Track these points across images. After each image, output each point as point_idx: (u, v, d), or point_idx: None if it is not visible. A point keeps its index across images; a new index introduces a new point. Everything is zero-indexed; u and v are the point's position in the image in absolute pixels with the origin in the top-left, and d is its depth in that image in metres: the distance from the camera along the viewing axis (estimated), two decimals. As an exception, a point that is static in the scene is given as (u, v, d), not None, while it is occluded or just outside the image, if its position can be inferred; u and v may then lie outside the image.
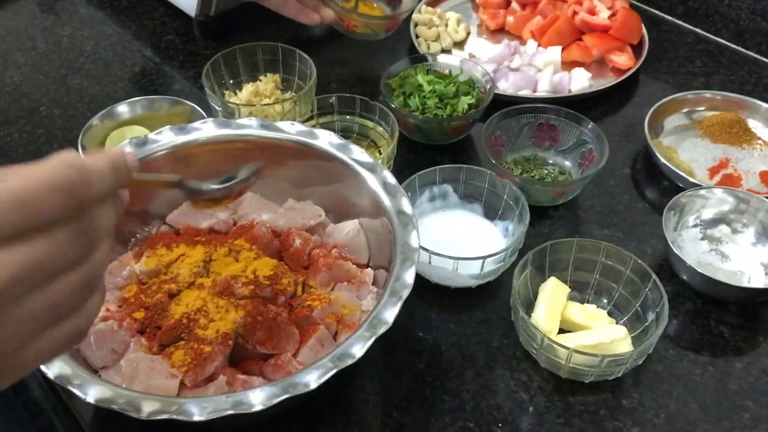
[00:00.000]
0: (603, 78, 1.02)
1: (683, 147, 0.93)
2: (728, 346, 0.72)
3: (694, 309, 0.75)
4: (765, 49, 1.07)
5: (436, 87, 0.90)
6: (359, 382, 0.69)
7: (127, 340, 0.63)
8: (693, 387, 0.68)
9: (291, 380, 0.53)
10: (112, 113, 0.90)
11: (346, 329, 0.65)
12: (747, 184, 0.88)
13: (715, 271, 0.77)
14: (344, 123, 0.90)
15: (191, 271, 0.67)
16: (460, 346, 0.71)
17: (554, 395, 0.67)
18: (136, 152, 0.71)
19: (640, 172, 0.90)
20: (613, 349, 0.66)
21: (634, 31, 1.05)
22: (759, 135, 0.94)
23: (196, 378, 0.59)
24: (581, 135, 0.86)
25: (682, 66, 1.06)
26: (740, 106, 0.95)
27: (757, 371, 0.69)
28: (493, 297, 0.76)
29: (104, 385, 0.53)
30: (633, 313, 0.70)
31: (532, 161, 0.88)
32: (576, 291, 0.73)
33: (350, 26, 1.01)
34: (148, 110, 0.91)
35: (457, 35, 1.09)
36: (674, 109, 0.95)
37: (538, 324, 0.68)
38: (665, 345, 0.71)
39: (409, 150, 0.92)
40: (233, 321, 0.63)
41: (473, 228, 0.80)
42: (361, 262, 0.72)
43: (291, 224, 0.73)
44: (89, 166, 0.38)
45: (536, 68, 1.00)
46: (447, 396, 0.67)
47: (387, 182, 0.69)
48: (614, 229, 0.83)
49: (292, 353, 0.63)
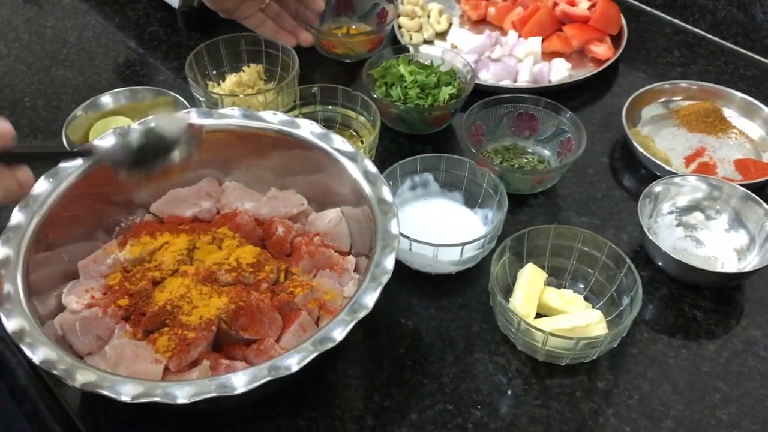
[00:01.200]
0: (583, 68, 1.04)
1: (661, 136, 0.94)
2: (701, 330, 0.74)
3: (668, 294, 0.77)
4: (741, 40, 1.08)
5: (417, 77, 0.91)
6: (341, 366, 0.70)
7: (112, 327, 0.64)
8: (666, 369, 0.70)
9: (273, 363, 0.55)
10: (95, 104, 0.90)
11: (328, 314, 0.66)
12: (722, 172, 0.90)
13: (690, 256, 0.79)
14: (327, 113, 0.91)
15: (175, 258, 0.68)
16: (440, 331, 0.73)
17: (531, 378, 0.69)
18: (118, 141, 0.72)
19: (618, 160, 0.91)
20: (588, 332, 0.68)
21: (613, 22, 1.07)
22: (734, 124, 0.95)
23: (181, 363, 0.61)
24: (560, 124, 0.88)
25: (661, 56, 1.08)
26: (716, 95, 0.97)
27: (729, 353, 0.71)
28: (472, 283, 0.77)
29: (90, 370, 0.54)
30: (608, 298, 0.72)
31: (512, 150, 0.89)
32: (553, 276, 0.75)
33: (330, 49, 1.03)
34: (132, 101, 0.92)
35: (439, 26, 1.10)
36: (651, 99, 0.96)
37: (515, 309, 0.70)
38: (640, 329, 0.73)
39: (391, 140, 0.94)
40: (216, 307, 0.64)
41: (453, 216, 0.81)
42: (342, 250, 0.73)
43: (274, 213, 0.74)
44: None
45: (517, 59, 1.01)
46: (427, 379, 0.69)
47: (368, 171, 0.71)
48: (592, 217, 0.84)
49: (275, 338, 0.64)
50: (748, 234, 0.79)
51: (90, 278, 0.68)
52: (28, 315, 0.58)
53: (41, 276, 0.64)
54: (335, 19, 1.09)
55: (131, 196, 0.75)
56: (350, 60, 1.04)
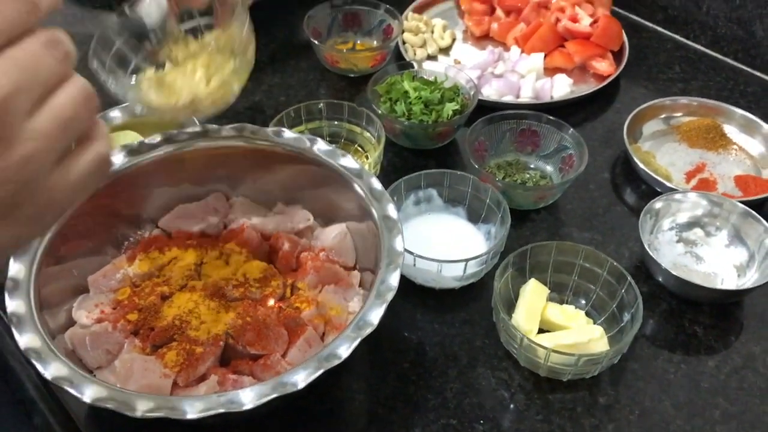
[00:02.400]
0: (585, 84, 1.05)
1: (662, 151, 0.96)
2: (701, 346, 0.75)
3: (669, 309, 0.78)
4: (741, 56, 1.10)
5: (421, 93, 0.93)
6: (346, 381, 0.71)
7: (121, 341, 0.65)
8: (667, 385, 0.71)
9: (280, 380, 0.56)
10: (105, 118, 0.92)
11: (334, 330, 0.67)
12: (722, 188, 0.91)
13: (690, 272, 0.80)
14: (332, 128, 0.92)
15: (183, 274, 0.69)
16: (444, 345, 0.74)
17: (534, 393, 0.70)
18: (129, 159, 0.73)
19: (620, 176, 0.93)
20: (590, 348, 0.69)
21: (614, 38, 1.08)
22: (734, 140, 0.97)
23: (189, 378, 0.62)
24: (562, 140, 0.89)
25: (662, 72, 1.09)
26: (716, 111, 0.98)
27: (729, 369, 0.72)
28: (476, 298, 0.78)
29: (100, 385, 0.55)
30: (610, 314, 0.73)
31: (515, 166, 0.91)
32: (555, 292, 0.76)
33: (334, 63, 1.04)
34: (141, 115, 0.93)
35: (443, 42, 1.11)
36: (652, 115, 0.98)
37: (518, 324, 0.71)
38: (641, 344, 0.74)
39: (395, 154, 0.95)
40: (224, 322, 0.65)
41: (457, 231, 0.82)
42: (348, 265, 0.74)
43: (280, 228, 0.75)
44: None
45: (519, 74, 1.03)
46: (431, 394, 0.70)
47: (373, 188, 0.72)
48: (594, 232, 0.85)
49: (281, 353, 0.65)
50: (748, 250, 0.80)
51: (99, 293, 0.69)
52: (39, 330, 0.59)
53: (52, 290, 0.65)
54: (341, 34, 1.11)
55: (139, 210, 0.77)
56: (354, 75, 1.05)
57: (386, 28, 1.09)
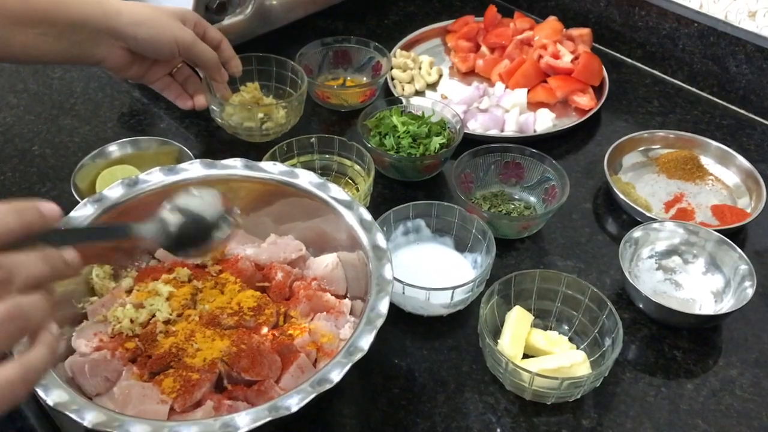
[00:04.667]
0: (567, 117, 1.09)
1: (641, 182, 0.99)
2: (680, 369, 0.77)
3: (649, 334, 0.80)
4: (717, 91, 1.14)
5: (409, 128, 0.96)
6: (337, 406, 0.73)
7: (120, 369, 0.67)
8: (648, 407, 0.73)
9: (274, 404, 0.58)
10: (103, 153, 0.95)
11: (325, 356, 0.70)
12: (700, 217, 0.94)
13: (669, 299, 0.83)
14: (324, 161, 0.95)
15: (179, 303, 0.72)
16: (432, 371, 0.76)
17: (519, 416, 0.72)
18: (126, 192, 0.76)
19: (601, 206, 0.96)
20: (572, 372, 0.71)
21: (595, 74, 1.12)
22: (711, 171, 1.00)
23: (185, 403, 0.64)
24: (544, 172, 0.92)
25: (641, 106, 1.14)
26: (693, 144, 1.02)
27: (707, 392, 0.75)
28: (463, 325, 0.81)
29: (100, 411, 0.57)
30: (592, 339, 0.76)
31: (500, 197, 0.94)
32: (539, 318, 0.78)
33: (325, 99, 1.08)
34: (137, 150, 0.96)
35: (430, 77, 1.15)
36: (632, 147, 1.01)
37: (503, 350, 0.73)
38: (623, 368, 0.77)
39: (385, 186, 0.98)
40: (219, 350, 0.67)
41: (444, 260, 0.85)
42: (339, 294, 0.77)
43: (273, 258, 0.78)
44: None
45: (504, 109, 1.06)
46: (420, 419, 0.72)
47: (363, 218, 0.75)
48: (576, 260, 0.88)
49: (275, 379, 0.67)
50: (724, 277, 0.83)
51: (98, 322, 0.71)
52: (41, 358, 0.61)
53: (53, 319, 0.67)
54: (332, 70, 1.14)
55: (136, 242, 0.79)
56: (345, 110, 1.09)
57: (375, 64, 1.13)
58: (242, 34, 1.14)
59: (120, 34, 0.88)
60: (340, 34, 1.16)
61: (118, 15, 0.87)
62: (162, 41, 0.90)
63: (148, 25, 0.89)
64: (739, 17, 1.08)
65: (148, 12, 0.90)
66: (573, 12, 1.26)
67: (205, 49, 0.94)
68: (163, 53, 0.92)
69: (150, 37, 0.89)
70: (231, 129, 1.00)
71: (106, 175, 0.92)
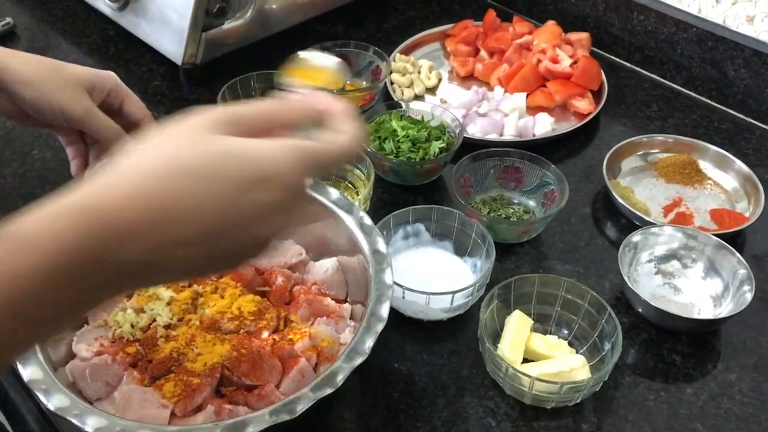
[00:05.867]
0: (565, 122, 1.09)
1: (640, 187, 0.99)
2: (679, 373, 0.77)
3: (648, 339, 0.81)
4: (715, 95, 1.14)
5: (409, 132, 0.97)
6: (338, 410, 0.73)
7: (120, 373, 0.67)
8: (647, 411, 0.74)
9: (275, 408, 0.58)
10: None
11: (326, 361, 0.70)
12: (699, 222, 0.94)
13: (668, 303, 0.83)
14: (323, 166, 0.95)
15: (180, 308, 0.72)
16: (432, 375, 0.76)
17: (519, 421, 0.72)
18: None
19: (600, 210, 0.96)
20: (572, 376, 0.71)
21: (594, 78, 1.13)
22: (709, 175, 1.01)
23: (186, 408, 0.64)
24: (544, 177, 0.92)
25: (640, 110, 1.14)
26: (692, 148, 1.02)
27: (706, 396, 0.75)
28: (463, 329, 0.81)
29: (101, 415, 0.57)
30: (591, 343, 0.76)
31: (499, 201, 0.94)
32: (539, 323, 0.79)
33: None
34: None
35: (430, 82, 1.15)
36: (631, 152, 1.02)
37: (503, 354, 0.73)
38: (622, 373, 0.77)
39: (384, 190, 0.98)
40: (220, 354, 0.67)
41: (444, 264, 0.85)
42: (339, 298, 0.77)
43: (273, 263, 0.78)
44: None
45: (503, 113, 1.07)
46: (420, 423, 0.72)
47: (363, 223, 0.75)
48: (575, 265, 0.89)
49: (275, 384, 0.67)
50: (723, 281, 0.83)
51: (99, 326, 0.71)
52: (42, 363, 0.61)
53: (53, 325, 0.67)
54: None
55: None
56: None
57: (375, 69, 1.13)
58: (243, 38, 1.14)
59: (4, 90, 0.76)
60: (339, 38, 1.17)
61: (4, 71, 0.75)
62: (44, 108, 0.76)
63: (32, 87, 0.75)
64: (738, 22, 1.09)
65: (40, 71, 0.76)
66: (572, 16, 1.27)
67: (100, 126, 0.79)
68: (47, 120, 0.78)
69: (32, 100, 0.75)
70: None
71: None
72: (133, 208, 0.41)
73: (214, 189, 0.42)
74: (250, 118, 0.47)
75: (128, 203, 0.41)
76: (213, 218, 0.42)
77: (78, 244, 0.39)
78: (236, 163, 0.43)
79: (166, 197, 0.41)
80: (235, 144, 0.44)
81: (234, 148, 0.43)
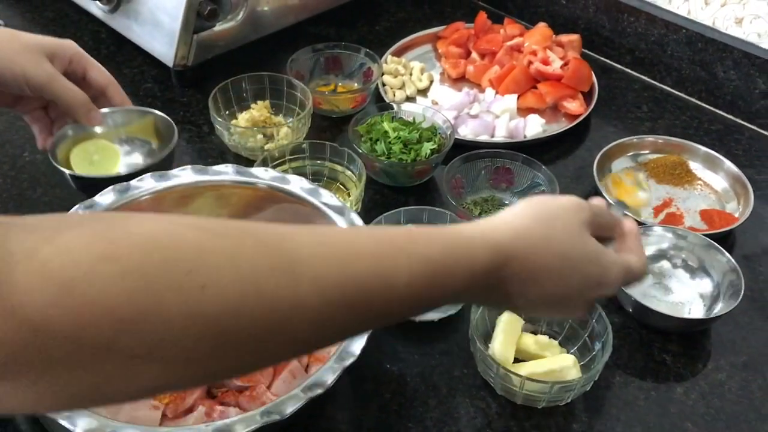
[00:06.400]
0: (556, 123, 1.10)
1: (631, 187, 1.00)
2: (670, 373, 0.78)
3: (639, 339, 0.81)
4: (705, 96, 1.15)
5: (400, 133, 0.97)
6: (330, 411, 0.73)
7: (111, 375, 0.67)
8: (638, 411, 0.74)
9: (266, 409, 0.58)
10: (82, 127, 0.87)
11: (317, 362, 0.70)
12: (689, 222, 0.95)
13: (659, 303, 0.84)
14: (315, 167, 0.95)
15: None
16: (424, 376, 0.76)
17: (510, 421, 0.73)
18: (117, 198, 0.76)
19: (591, 211, 0.97)
20: (563, 376, 0.72)
21: (584, 80, 1.13)
22: (699, 176, 1.01)
23: (177, 409, 0.64)
24: (534, 178, 0.93)
25: (630, 111, 1.15)
26: (682, 149, 1.03)
27: (696, 395, 0.76)
28: (454, 330, 0.81)
29: (92, 417, 0.57)
30: (582, 343, 0.76)
31: (490, 202, 0.95)
32: (530, 323, 0.79)
33: (317, 105, 1.08)
34: (115, 123, 0.90)
35: (421, 83, 1.16)
36: (621, 153, 1.02)
37: (494, 354, 0.73)
38: (613, 372, 0.77)
39: (376, 191, 0.98)
40: (211, 355, 0.67)
41: (436, 265, 0.86)
42: (330, 299, 0.77)
43: (265, 264, 0.78)
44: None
45: (494, 115, 1.07)
46: (411, 423, 0.72)
47: (354, 224, 0.75)
48: (566, 265, 0.89)
49: (267, 385, 0.67)
50: (712, 281, 0.84)
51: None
52: (32, 364, 0.61)
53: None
54: (323, 76, 1.15)
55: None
56: (336, 115, 1.10)
57: (366, 71, 1.13)
58: (234, 40, 1.14)
59: None
60: (331, 40, 1.17)
61: None
62: (7, 77, 0.77)
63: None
64: (727, 24, 1.10)
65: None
66: (563, 18, 1.28)
67: (64, 91, 0.80)
68: (10, 89, 0.79)
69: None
70: (234, 148, 1.01)
71: (79, 152, 0.87)
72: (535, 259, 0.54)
73: (576, 279, 0.56)
74: (605, 223, 0.61)
75: (533, 250, 0.54)
76: (569, 288, 0.56)
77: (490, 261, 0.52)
78: (596, 268, 0.57)
79: (546, 257, 0.54)
80: (600, 251, 0.57)
81: (598, 255, 0.57)
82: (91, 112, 0.84)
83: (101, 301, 0.36)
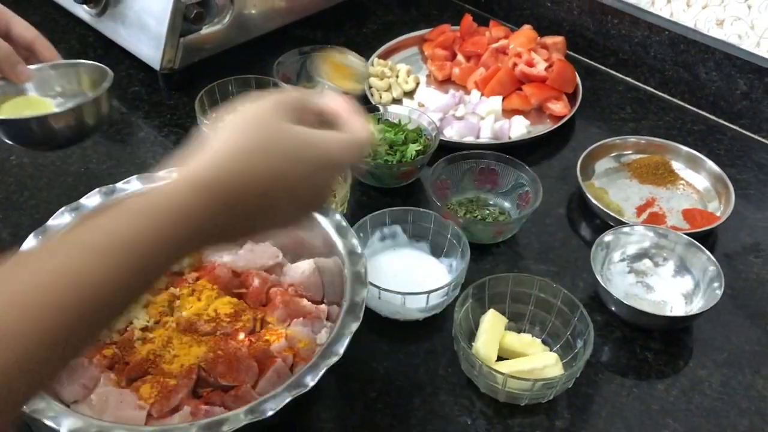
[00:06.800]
0: (541, 124, 1.11)
1: (614, 187, 1.01)
2: (651, 370, 0.79)
3: (621, 336, 0.82)
4: (688, 97, 1.17)
5: (386, 135, 0.98)
6: (316, 410, 0.74)
7: (97, 376, 0.67)
8: (620, 408, 0.75)
9: (250, 408, 0.59)
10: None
11: (302, 361, 0.70)
12: (672, 221, 0.96)
13: (641, 301, 0.85)
14: (301, 169, 0.96)
15: (157, 310, 0.72)
16: (409, 375, 0.77)
17: (494, 418, 0.73)
18: (104, 200, 0.76)
19: (574, 211, 0.98)
20: (545, 374, 0.72)
21: (569, 81, 1.15)
22: (682, 176, 1.02)
23: (162, 409, 0.64)
24: (518, 178, 0.94)
25: (614, 112, 1.16)
26: (664, 149, 1.04)
27: (677, 392, 0.77)
28: (439, 329, 0.82)
29: (77, 417, 0.58)
30: (564, 341, 0.77)
31: (475, 203, 0.95)
32: (513, 321, 0.80)
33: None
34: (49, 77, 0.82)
35: (407, 86, 1.17)
36: (604, 153, 1.03)
37: (478, 353, 0.74)
38: (595, 370, 0.78)
39: (362, 193, 0.99)
40: (196, 356, 0.68)
41: (420, 265, 0.86)
42: (315, 299, 0.77)
43: (250, 265, 0.79)
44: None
45: (479, 116, 1.08)
46: (396, 421, 0.73)
47: (339, 225, 0.76)
48: (550, 264, 0.90)
49: (252, 385, 0.68)
50: (693, 279, 0.85)
51: (76, 330, 0.72)
52: (18, 366, 0.61)
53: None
54: (309, 80, 1.15)
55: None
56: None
57: (353, 73, 1.14)
58: (220, 43, 1.15)
59: None
60: (318, 43, 1.18)
61: None
62: None
63: None
64: (708, 25, 1.11)
65: None
66: (547, 20, 1.29)
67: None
68: None
69: None
70: None
71: (8, 108, 0.79)
72: (246, 183, 0.53)
73: (299, 169, 0.55)
74: (308, 109, 0.59)
75: (240, 179, 0.53)
76: (295, 184, 0.56)
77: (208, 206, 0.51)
78: (314, 152, 0.56)
79: (269, 171, 0.54)
80: (311, 135, 0.56)
81: (308, 139, 0.56)
82: (17, 67, 0.78)
83: None
